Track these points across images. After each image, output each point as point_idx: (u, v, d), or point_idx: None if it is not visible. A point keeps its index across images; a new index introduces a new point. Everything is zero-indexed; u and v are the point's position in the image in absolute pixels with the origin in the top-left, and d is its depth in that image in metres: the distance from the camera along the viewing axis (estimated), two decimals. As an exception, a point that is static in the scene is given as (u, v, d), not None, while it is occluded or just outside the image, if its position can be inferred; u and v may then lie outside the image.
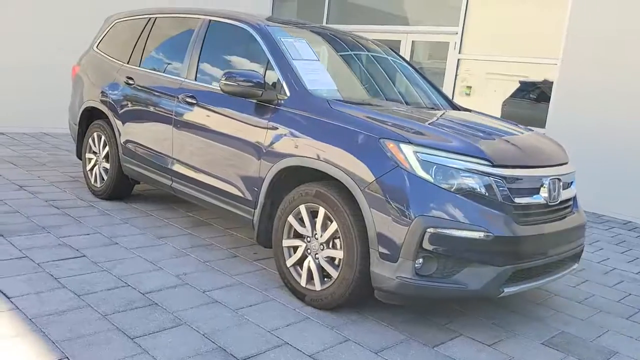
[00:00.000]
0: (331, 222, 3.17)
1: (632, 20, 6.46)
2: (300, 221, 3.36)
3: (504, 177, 3.01)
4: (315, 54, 3.90)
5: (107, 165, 5.02)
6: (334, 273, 3.17)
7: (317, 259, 3.27)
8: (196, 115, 4.04)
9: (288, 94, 3.51)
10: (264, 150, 3.51)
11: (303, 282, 3.34)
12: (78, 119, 5.35)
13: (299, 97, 3.47)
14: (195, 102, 4.04)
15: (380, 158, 2.98)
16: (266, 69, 3.74)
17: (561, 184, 3.32)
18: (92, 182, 5.20)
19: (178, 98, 4.17)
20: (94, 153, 5.20)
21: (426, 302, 3.42)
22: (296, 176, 3.45)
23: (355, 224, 3.04)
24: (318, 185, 3.25)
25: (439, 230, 2.84)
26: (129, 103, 4.69)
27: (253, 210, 3.65)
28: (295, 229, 3.40)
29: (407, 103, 4.23)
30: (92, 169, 5.24)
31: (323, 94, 3.53)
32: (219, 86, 3.64)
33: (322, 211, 3.21)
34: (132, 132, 4.66)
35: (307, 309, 3.29)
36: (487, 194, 2.96)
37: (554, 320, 3.52)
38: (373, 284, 3.04)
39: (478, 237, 2.87)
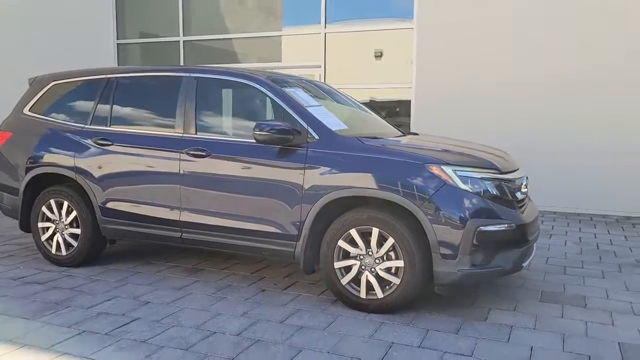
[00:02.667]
0: (386, 239, 3.80)
1: (467, 50, 8.09)
2: (351, 243, 3.91)
3: (509, 180, 3.96)
4: (315, 100, 4.46)
5: (75, 231, 4.88)
6: (395, 280, 3.80)
7: (374, 271, 3.86)
8: (211, 165, 4.29)
9: (316, 137, 4.03)
10: (305, 188, 3.98)
11: (363, 294, 3.90)
12: (22, 189, 5.04)
13: (328, 139, 4.02)
14: (205, 153, 4.29)
15: (429, 179, 3.72)
16: (283, 118, 4.19)
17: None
18: (54, 252, 4.98)
19: (183, 152, 4.37)
20: (52, 221, 4.98)
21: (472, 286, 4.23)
22: (337, 207, 3.98)
23: (412, 236, 3.72)
24: (368, 210, 3.86)
25: (484, 227, 3.68)
26: (108, 164, 4.67)
27: (295, 243, 4.07)
28: (344, 251, 3.93)
29: (384, 134, 4.91)
30: (49, 238, 5.01)
31: (344, 133, 4.13)
32: (253, 136, 4.00)
33: (375, 231, 3.82)
34: (116, 192, 4.65)
35: (373, 316, 3.85)
36: (502, 195, 3.88)
37: (526, 288, 4.57)
38: (435, 281, 3.75)
39: (507, 228, 3.77)
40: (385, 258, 3.84)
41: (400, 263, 3.77)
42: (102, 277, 4.69)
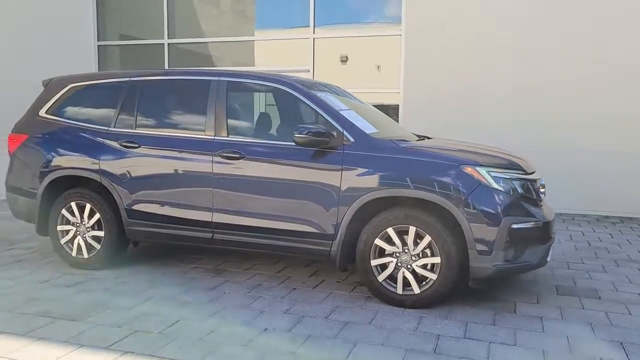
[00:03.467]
0: (422, 237, 4.00)
1: (455, 56, 8.41)
2: (387, 241, 4.09)
3: (533, 180, 4.23)
4: (344, 104, 4.62)
5: (98, 233, 4.89)
6: (432, 276, 4.00)
7: (411, 268, 4.05)
8: (246, 167, 4.39)
9: (352, 139, 4.20)
10: (342, 189, 4.13)
11: (400, 290, 4.08)
12: (41, 192, 5.01)
13: (363, 141, 4.20)
14: (239, 155, 4.39)
15: (466, 180, 3.94)
16: (317, 121, 4.34)
17: (541, 182, 4.67)
18: (74, 254, 4.97)
19: (215, 154, 4.45)
20: (72, 224, 4.97)
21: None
22: (372, 206, 4.15)
23: (449, 233, 3.93)
24: (405, 209, 4.05)
25: (516, 225, 3.92)
26: (135, 166, 4.70)
27: (331, 242, 4.22)
28: (380, 249, 4.11)
29: (406, 137, 5.07)
30: (69, 241, 4.99)
31: (376, 136, 4.31)
32: (294, 139, 4.14)
33: (412, 229, 4.01)
34: (144, 194, 4.69)
35: (410, 310, 4.04)
36: (528, 194, 4.14)
37: (540, 282, 4.85)
38: (471, 276, 3.97)
39: (535, 225, 4.03)
40: (421, 255, 4.03)
41: (437, 259, 3.97)
42: (128, 279, 4.71)
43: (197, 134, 4.63)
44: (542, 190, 4.42)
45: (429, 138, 5.33)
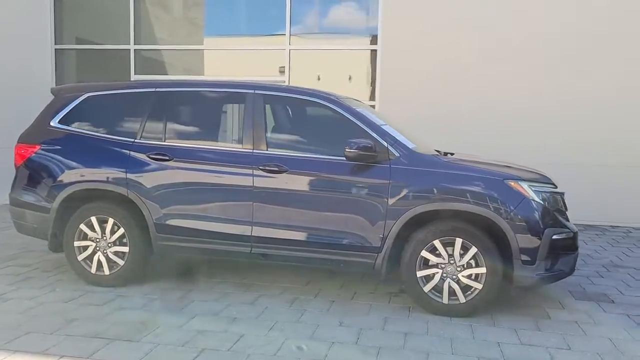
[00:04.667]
0: (467, 248, 4.18)
1: (431, 72, 8.73)
2: (433, 253, 4.25)
3: (562, 193, 4.53)
4: (381, 119, 4.74)
5: (121, 249, 4.72)
6: (477, 285, 4.19)
7: (456, 278, 4.22)
8: (289, 181, 4.40)
9: (397, 154, 4.32)
10: (390, 203, 4.25)
11: (445, 300, 4.25)
12: (56, 206, 4.77)
13: (408, 156, 4.33)
14: (281, 169, 4.40)
15: (511, 194, 4.16)
16: (359, 136, 4.41)
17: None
18: (94, 271, 4.77)
19: (256, 167, 4.43)
20: (92, 239, 4.77)
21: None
22: (418, 220, 4.29)
23: (495, 245, 4.15)
24: (450, 221, 4.22)
25: (556, 236, 4.19)
26: (167, 180, 4.59)
27: (376, 254, 4.32)
28: (424, 260, 4.26)
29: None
30: (88, 258, 4.79)
31: (417, 151, 4.46)
32: (345, 153, 4.20)
33: (459, 241, 4.20)
34: (176, 208, 4.59)
35: (456, 319, 4.21)
36: (560, 207, 4.43)
37: (551, 288, 5.16)
38: (515, 285, 4.20)
39: (567, 236, 4.32)
40: (465, 266, 4.21)
41: (482, 270, 4.16)
42: (158, 296, 4.58)
43: (233, 146, 4.59)
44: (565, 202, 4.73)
45: (451, 154, 5.48)
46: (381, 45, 9.00)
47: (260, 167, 4.44)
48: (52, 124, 4.94)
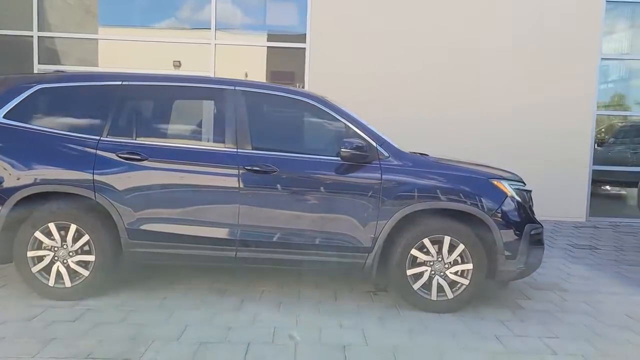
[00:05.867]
0: (455, 245, 4.32)
1: (357, 69, 8.90)
2: (421, 251, 4.34)
3: (529, 191, 4.82)
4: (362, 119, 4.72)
5: (86, 258, 4.31)
6: (464, 281, 4.35)
7: (443, 275, 4.35)
8: (278, 181, 4.26)
9: (386, 154, 4.35)
10: (382, 202, 4.26)
11: (434, 297, 4.36)
12: (6, 212, 4.22)
13: (397, 155, 4.37)
14: (268, 170, 4.24)
15: (495, 192, 4.36)
16: (347, 135, 4.39)
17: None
18: (52, 284, 4.30)
19: (242, 168, 4.24)
20: (49, 248, 4.30)
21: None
22: (409, 219, 4.35)
23: (480, 241, 4.32)
24: (440, 220, 4.33)
25: (533, 231, 4.46)
26: (142, 181, 4.24)
27: (367, 254, 4.32)
28: (414, 258, 4.34)
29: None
30: (44, 269, 4.31)
31: (405, 150, 4.52)
32: (340, 153, 4.15)
33: (447, 239, 4.32)
34: (153, 212, 4.25)
35: (445, 315, 4.33)
36: (530, 203, 4.72)
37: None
38: (497, 279, 4.40)
39: (540, 231, 4.61)
40: (452, 262, 4.34)
41: (469, 266, 4.32)
42: (133, 307, 4.22)
43: (215, 145, 4.36)
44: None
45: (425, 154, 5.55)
46: (310, 43, 8.98)
47: (247, 168, 4.24)
48: (-4, 118, 4.35)
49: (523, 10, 9.02)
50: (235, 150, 4.29)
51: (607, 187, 10.17)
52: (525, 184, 4.76)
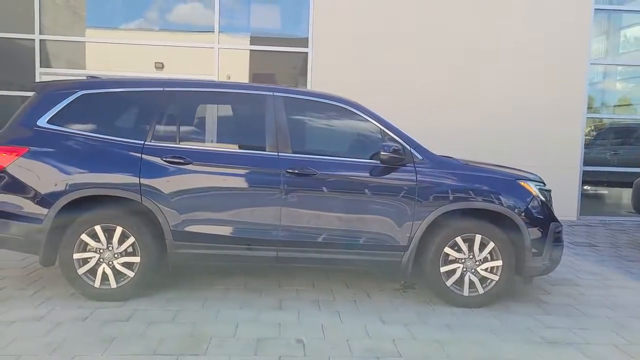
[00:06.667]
0: (485, 244, 4.56)
1: (359, 75, 9.11)
2: (454, 248, 4.57)
3: (549, 190, 5.09)
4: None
5: (131, 259, 4.42)
6: (494, 277, 4.59)
7: (474, 272, 4.59)
8: (320, 183, 4.43)
9: (420, 157, 4.57)
10: (419, 202, 4.47)
11: (466, 292, 4.59)
12: (53, 215, 4.31)
13: (430, 158, 4.59)
14: (311, 172, 4.42)
15: (523, 193, 4.61)
16: (383, 140, 4.59)
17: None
18: (98, 285, 4.40)
19: (284, 170, 4.41)
20: (95, 250, 4.40)
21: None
22: (442, 219, 4.56)
23: (510, 239, 4.57)
24: (472, 219, 4.57)
25: (557, 229, 4.73)
26: (187, 184, 4.37)
27: (403, 253, 4.53)
28: (447, 256, 4.56)
29: None
30: (90, 271, 4.41)
31: (436, 153, 4.74)
32: (380, 156, 4.35)
33: (478, 237, 4.56)
34: (198, 214, 4.39)
35: (477, 310, 4.57)
36: (551, 202, 4.99)
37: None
38: (524, 275, 4.65)
39: (561, 229, 4.88)
40: (483, 260, 4.58)
41: (499, 263, 4.56)
42: (179, 306, 4.35)
43: (256, 149, 4.50)
44: (544, 199, 5.31)
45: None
46: (313, 50, 9.15)
47: (288, 171, 4.41)
48: (39, 123, 4.43)
49: (515, 16, 9.36)
50: (277, 154, 4.45)
51: (587, 187, 10.48)
52: (545, 184, 5.02)
